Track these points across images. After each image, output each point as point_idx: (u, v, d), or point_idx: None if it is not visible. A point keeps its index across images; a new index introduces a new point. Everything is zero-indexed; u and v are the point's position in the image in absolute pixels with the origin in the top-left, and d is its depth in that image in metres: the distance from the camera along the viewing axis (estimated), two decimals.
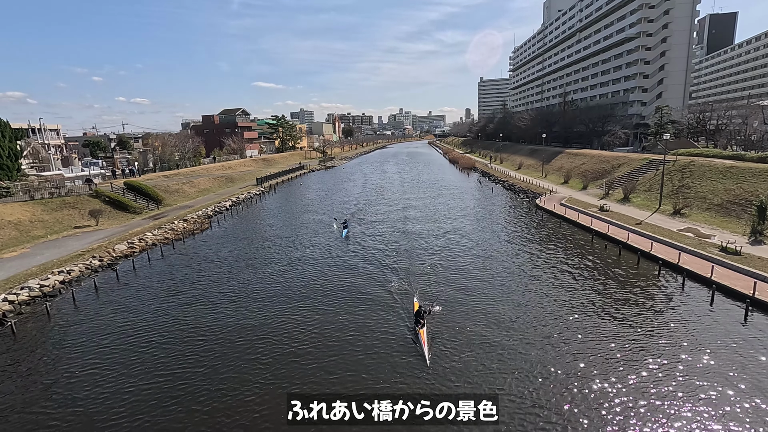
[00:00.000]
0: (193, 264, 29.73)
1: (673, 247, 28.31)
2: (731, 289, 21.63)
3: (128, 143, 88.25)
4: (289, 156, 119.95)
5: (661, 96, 79.80)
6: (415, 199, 54.58)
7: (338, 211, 47.65)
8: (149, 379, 15.78)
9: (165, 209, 47.35)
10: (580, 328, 18.72)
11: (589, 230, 34.77)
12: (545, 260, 28.46)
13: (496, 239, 34.20)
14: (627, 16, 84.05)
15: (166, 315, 21.40)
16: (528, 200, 51.43)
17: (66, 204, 40.49)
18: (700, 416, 13.04)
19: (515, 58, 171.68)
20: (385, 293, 23.10)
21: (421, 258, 29.21)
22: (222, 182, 67.83)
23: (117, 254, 31.00)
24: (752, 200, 31.80)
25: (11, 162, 42.74)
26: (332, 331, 19.01)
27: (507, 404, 13.65)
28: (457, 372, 15.54)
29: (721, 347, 16.89)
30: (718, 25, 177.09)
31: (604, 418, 13.07)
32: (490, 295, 22.71)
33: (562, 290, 23.13)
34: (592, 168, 59.33)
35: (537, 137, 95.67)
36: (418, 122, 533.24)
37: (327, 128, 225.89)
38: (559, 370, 15.56)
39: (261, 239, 36.61)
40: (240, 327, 19.73)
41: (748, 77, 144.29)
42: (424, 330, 17.60)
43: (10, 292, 23.16)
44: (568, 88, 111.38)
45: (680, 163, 44.59)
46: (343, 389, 14.76)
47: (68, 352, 18.12)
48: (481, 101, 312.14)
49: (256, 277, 26.67)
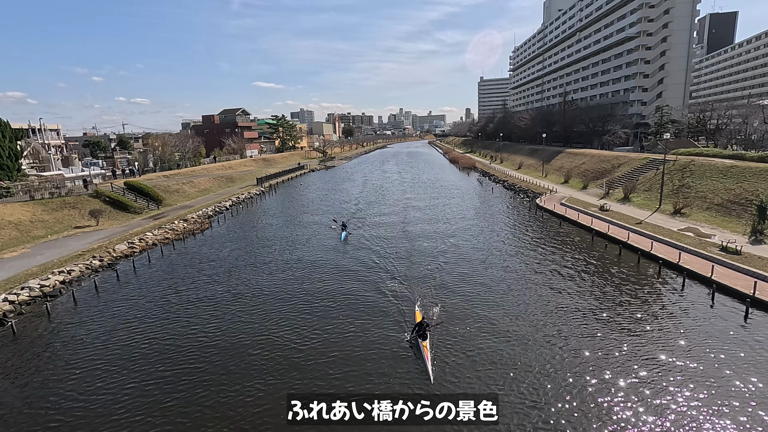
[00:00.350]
0: (194, 264, 29.74)
1: (673, 246, 28.30)
2: (731, 288, 21.61)
3: (128, 143, 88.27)
4: (289, 156, 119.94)
5: (661, 95, 79.76)
6: (415, 200, 54.56)
7: (338, 211, 47.66)
8: (149, 378, 15.77)
9: (165, 209, 47.36)
10: (580, 328, 18.71)
11: (589, 230, 34.76)
12: (545, 260, 28.44)
13: (497, 239, 34.19)
14: (627, 15, 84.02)
15: (166, 315, 21.40)
16: (528, 200, 51.42)
17: (66, 204, 40.50)
18: (700, 415, 13.03)
19: (515, 58, 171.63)
20: (384, 293, 23.08)
21: (421, 259, 29.20)
22: (222, 182, 67.83)
23: (117, 254, 31.01)
24: (752, 200, 31.77)
25: (11, 162, 42.72)
26: (332, 331, 19.00)
27: (507, 404, 13.66)
28: (457, 372, 15.53)
29: (722, 347, 16.88)
30: (718, 24, 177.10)
31: (603, 417, 13.07)
32: (490, 294, 22.69)
33: (562, 290, 23.11)
34: (592, 167, 59.32)
35: (537, 137, 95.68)
36: (418, 122, 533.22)
37: (327, 128, 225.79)
38: (558, 369, 15.55)
39: (261, 239, 36.60)
40: (240, 326, 19.72)
41: (748, 77, 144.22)
42: (427, 342, 16.62)
43: (11, 292, 23.17)
44: (568, 87, 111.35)
45: (680, 162, 44.57)
46: (343, 389, 14.76)
47: (69, 351, 18.13)
48: (481, 101, 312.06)
49: (256, 277, 26.66)
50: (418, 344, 16.86)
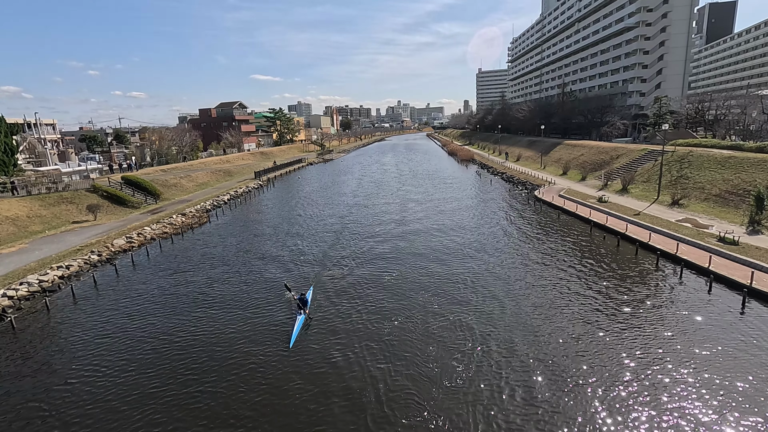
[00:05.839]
0: (192, 258, 29.73)
1: (671, 237, 28.38)
2: (729, 278, 21.71)
3: (125, 137, 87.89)
4: (287, 149, 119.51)
5: (660, 86, 79.46)
6: (414, 192, 54.53)
7: (337, 206, 47.45)
8: (148, 373, 15.83)
9: (163, 204, 47.24)
10: (578, 318, 18.80)
11: (587, 221, 34.81)
12: (544, 251, 28.50)
13: (496, 231, 34.18)
14: (626, 5, 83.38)
15: (165, 309, 21.43)
16: (527, 192, 51.40)
17: (63, 199, 40.36)
18: (697, 404, 13.14)
19: (513, 49, 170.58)
20: (389, 279, 23.17)
21: (420, 250, 29.26)
22: (220, 176, 67.63)
23: (116, 249, 30.97)
24: (750, 190, 31.82)
25: (7, 157, 42.52)
26: (332, 323, 19.08)
27: (504, 393, 13.76)
28: (450, 363, 15.63)
29: (719, 336, 16.99)
30: (717, 14, 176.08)
31: (599, 405, 13.17)
32: (489, 286, 22.75)
33: (561, 281, 23.19)
34: (590, 159, 59.26)
35: (535, 128, 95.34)
36: (416, 114, 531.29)
37: (325, 121, 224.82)
38: (555, 358, 15.64)
39: (259, 233, 36.56)
40: (239, 320, 19.77)
41: (747, 67, 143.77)
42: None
43: (9, 287, 23.15)
44: (566, 78, 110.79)
45: (679, 153, 44.55)
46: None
47: (68, 346, 18.17)
48: (479, 93, 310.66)
49: (255, 270, 26.68)
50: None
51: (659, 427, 12.31)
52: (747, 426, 12.24)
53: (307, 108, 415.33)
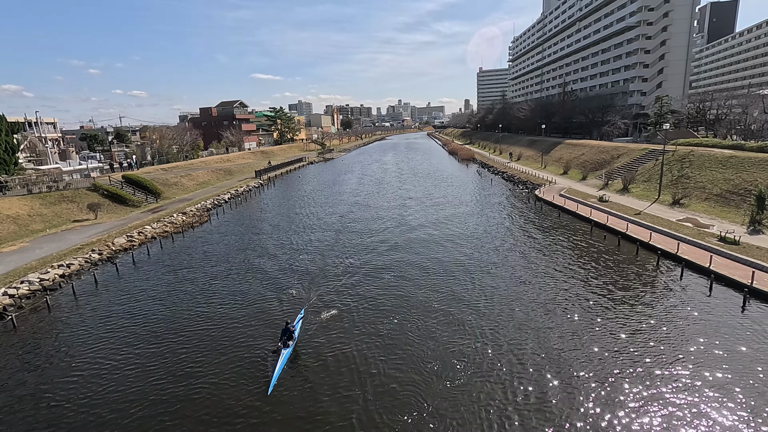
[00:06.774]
0: (193, 257, 29.74)
1: (672, 237, 28.35)
2: (730, 278, 21.70)
3: (126, 136, 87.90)
4: (288, 148, 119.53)
5: (661, 85, 79.36)
6: (414, 191, 54.52)
7: (336, 204, 47.47)
8: (149, 371, 15.85)
9: (164, 202, 47.26)
10: (579, 318, 18.80)
11: (588, 221, 34.79)
12: (545, 251, 28.49)
13: (496, 230, 34.18)
14: (627, 4, 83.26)
15: (165, 307, 21.46)
16: (527, 191, 51.37)
17: (64, 198, 40.38)
18: (697, 403, 13.14)
19: (514, 48, 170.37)
20: (394, 272, 23.19)
21: (420, 249, 29.27)
22: (221, 175, 67.63)
23: (116, 248, 30.99)
24: (751, 190, 31.79)
25: (8, 156, 42.51)
26: (331, 321, 19.10)
27: (506, 390, 13.78)
28: (455, 360, 15.64)
29: (720, 336, 16.99)
30: (718, 13, 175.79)
31: (599, 404, 13.17)
32: (489, 285, 22.77)
33: (561, 280, 23.19)
34: (591, 158, 59.20)
35: (536, 128, 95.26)
36: (417, 113, 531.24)
37: (325, 120, 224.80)
38: (555, 358, 15.65)
39: (260, 232, 36.57)
40: (239, 319, 19.78)
41: (748, 66, 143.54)
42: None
43: (11, 285, 23.19)
44: (567, 78, 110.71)
45: (680, 153, 44.49)
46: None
47: (68, 345, 18.19)
48: (480, 92, 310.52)
49: (255, 269, 26.69)
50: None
51: (659, 426, 12.31)
52: (747, 425, 12.24)
53: (308, 107, 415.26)
